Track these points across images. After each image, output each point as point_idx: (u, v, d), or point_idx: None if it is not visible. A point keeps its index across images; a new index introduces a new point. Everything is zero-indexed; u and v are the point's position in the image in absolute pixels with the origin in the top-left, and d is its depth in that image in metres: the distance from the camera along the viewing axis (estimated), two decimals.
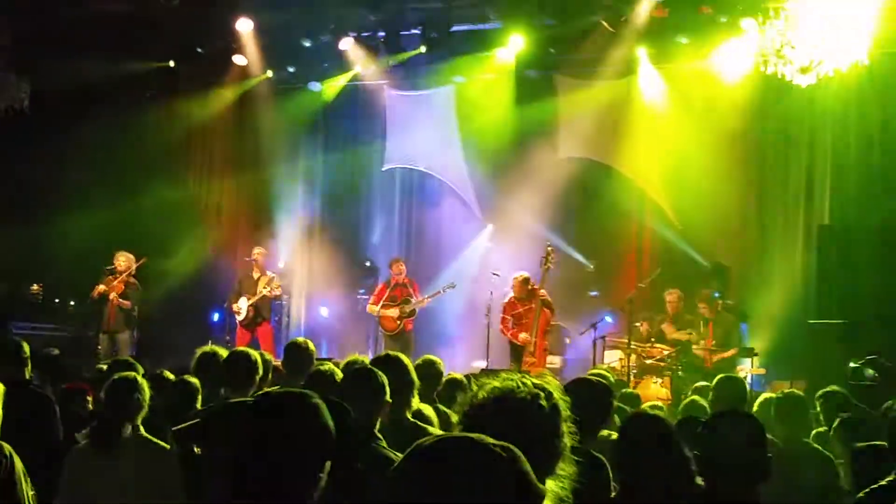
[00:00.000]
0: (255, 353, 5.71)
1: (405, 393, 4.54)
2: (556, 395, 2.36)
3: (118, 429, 4.57)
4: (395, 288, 12.49)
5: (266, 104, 14.70)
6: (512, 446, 1.78)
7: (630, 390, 8.45)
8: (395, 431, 4.21)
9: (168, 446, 4.64)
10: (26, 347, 6.13)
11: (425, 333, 13.04)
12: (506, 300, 11.68)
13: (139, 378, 4.76)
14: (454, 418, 2.40)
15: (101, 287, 11.97)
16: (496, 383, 2.31)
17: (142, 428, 4.65)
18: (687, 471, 3.41)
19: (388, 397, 4.15)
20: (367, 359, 5.90)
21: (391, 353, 4.92)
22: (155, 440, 4.65)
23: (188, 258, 14.11)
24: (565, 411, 2.35)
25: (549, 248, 11.52)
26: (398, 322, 12.35)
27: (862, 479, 4.21)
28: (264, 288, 12.55)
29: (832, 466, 5.27)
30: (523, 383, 2.31)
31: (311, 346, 6.18)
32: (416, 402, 4.76)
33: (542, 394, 2.31)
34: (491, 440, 1.77)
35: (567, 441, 2.32)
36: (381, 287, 12.71)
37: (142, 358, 8.89)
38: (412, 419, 4.63)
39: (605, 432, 4.61)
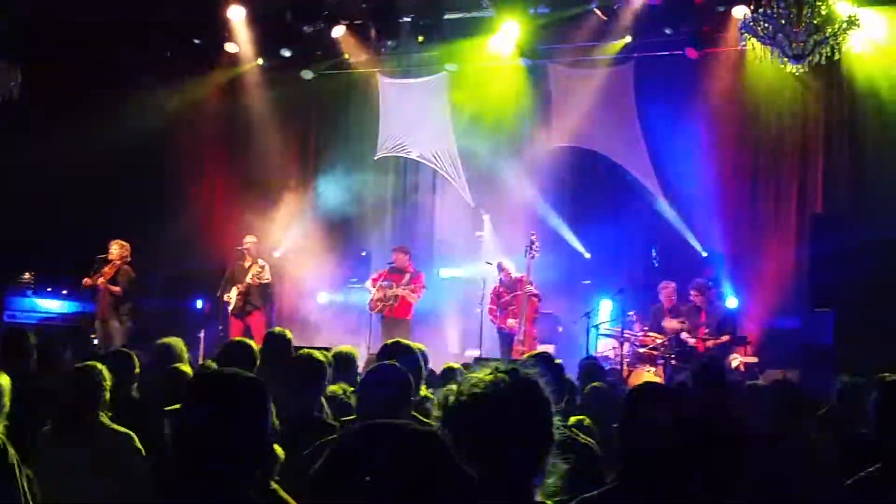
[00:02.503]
0: (250, 342, 5.78)
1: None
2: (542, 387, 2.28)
3: (81, 417, 4.58)
4: (393, 273, 12.51)
5: (258, 92, 14.65)
6: (433, 430, 1.82)
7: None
8: None
9: (131, 433, 4.62)
10: (31, 338, 6.10)
11: (418, 322, 13.03)
12: (493, 288, 11.76)
13: (102, 368, 4.76)
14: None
15: (94, 276, 11.95)
16: (479, 377, 2.22)
17: (104, 416, 4.65)
18: None
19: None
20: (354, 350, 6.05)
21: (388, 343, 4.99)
22: (119, 428, 4.64)
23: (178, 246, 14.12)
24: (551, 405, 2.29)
25: (533, 237, 11.55)
26: (379, 304, 12.35)
27: None
28: (250, 277, 12.50)
29: (823, 458, 5.27)
30: (503, 379, 2.22)
31: (289, 334, 6.24)
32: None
33: (526, 389, 2.24)
34: (416, 426, 1.81)
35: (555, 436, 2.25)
36: (384, 271, 12.71)
37: (133, 347, 8.86)
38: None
39: None
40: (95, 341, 11.89)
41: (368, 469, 1.79)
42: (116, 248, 12.08)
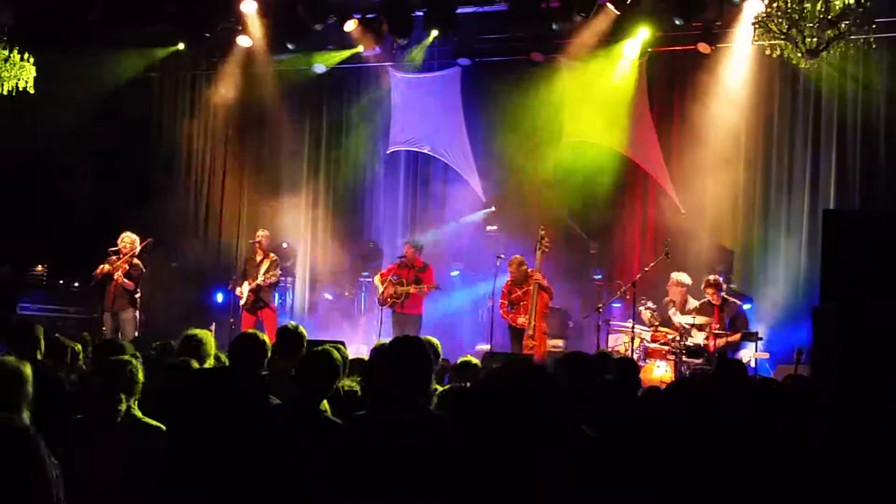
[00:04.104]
0: (262, 335, 5.78)
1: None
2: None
3: (114, 408, 4.59)
4: (402, 268, 12.52)
5: (269, 85, 14.66)
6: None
7: None
8: None
9: (161, 427, 4.63)
10: (40, 329, 6.14)
11: (428, 316, 13.05)
12: (503, 284, 11.73)
13: (134, 360, 4.78)
14: None
15: (105, 267, 11.98)
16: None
17: (136, 409, 4.67)
18: None
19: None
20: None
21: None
22: (150, 421, 4.65)
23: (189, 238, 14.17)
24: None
25: (543, 232, 11.53)
26: (388, 300, 12.37)
27: None
28: (260, 277, 12.50)
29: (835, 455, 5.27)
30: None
31: (302, 329, 6.23)
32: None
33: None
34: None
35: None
36: (394, 265, 12.73)
37: (146, 339, 8.91)
38: None
39: None
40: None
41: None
42: (128, 241, 12.12)
